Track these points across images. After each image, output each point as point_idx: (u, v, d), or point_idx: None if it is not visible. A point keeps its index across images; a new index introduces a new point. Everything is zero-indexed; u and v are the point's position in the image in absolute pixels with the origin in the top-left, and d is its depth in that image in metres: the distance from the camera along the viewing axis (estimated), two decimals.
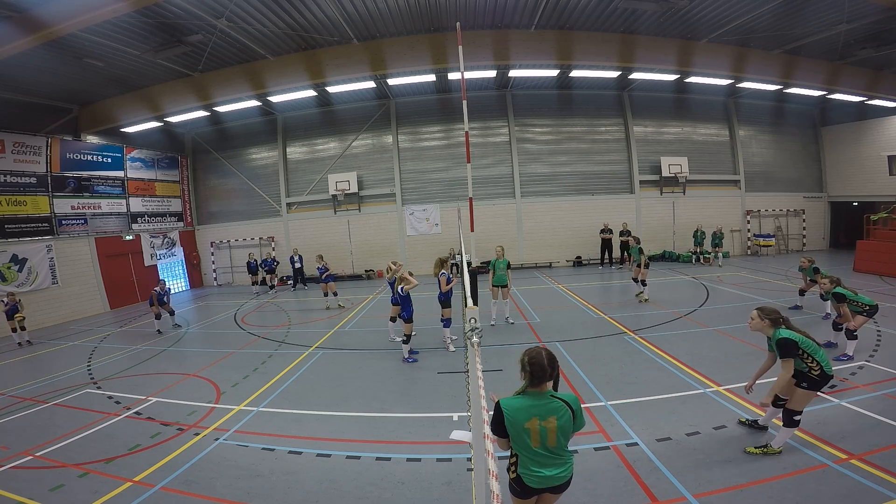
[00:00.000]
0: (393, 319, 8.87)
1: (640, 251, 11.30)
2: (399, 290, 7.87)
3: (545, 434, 2.64)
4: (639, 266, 11.16)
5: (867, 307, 6.60)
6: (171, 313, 11.85)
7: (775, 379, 4.20)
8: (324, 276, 12.69)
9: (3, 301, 11.37)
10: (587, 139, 18.64)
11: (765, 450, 4.27)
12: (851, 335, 6.61)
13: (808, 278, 9.46)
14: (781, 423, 4.31)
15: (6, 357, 9.99)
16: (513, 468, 2.77)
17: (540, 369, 2.66)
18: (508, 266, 9.55)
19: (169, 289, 12.43)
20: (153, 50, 11.03)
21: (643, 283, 11.13)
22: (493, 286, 9.69)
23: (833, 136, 19.79)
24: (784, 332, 4.16)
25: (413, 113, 18.34)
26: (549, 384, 2.74)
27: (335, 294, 12.93)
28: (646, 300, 11.01)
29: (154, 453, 5.02)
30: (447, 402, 5.94)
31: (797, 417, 4.24)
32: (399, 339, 8.41)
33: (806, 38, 12.88)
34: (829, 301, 8.89)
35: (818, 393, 4.32)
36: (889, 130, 17.68)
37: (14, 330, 11.02)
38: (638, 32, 12.79)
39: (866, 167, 18.45)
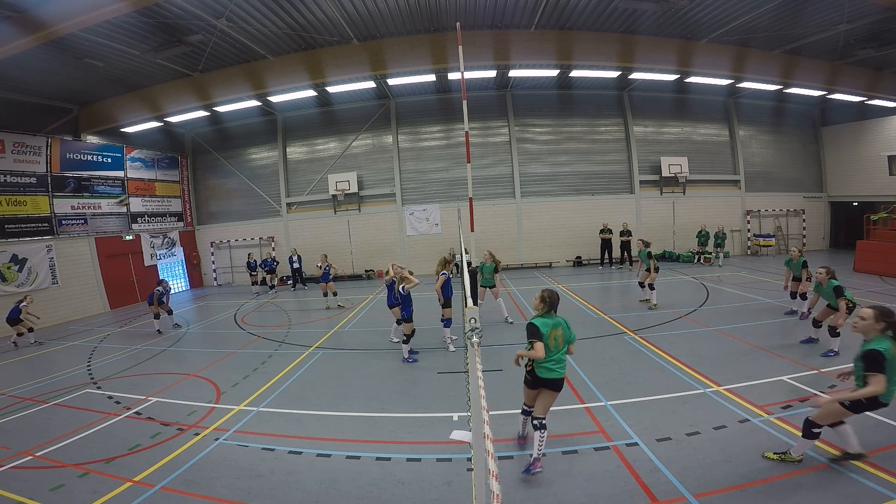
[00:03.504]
0: (399, 322, 8.74)
1: (649, 255, 10.68)
2: (400, 290, 7.86)
3: (556, 339, 4.26)
4: (648, 270, 10.55)
5: (851, 304, 6.66)
6: (169, 312, 11.78)
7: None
8: (330, 276, 12.78)
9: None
10: (587, 139, 18.64)
11: (783, 457, 4.06)
12: (835, 332, 6.69)
13: (794, 274, 8.98)
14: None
15: (6, 357, 9.99)
16: (529, 365, 4.32)
17: (555, 298, 4.51)
18: (495, 270, 9.95)
19: (170, 289, 12.31)
20: (153, 50, 11.02)
21: (651, 287, 10.56)
22: (480, 286, 9.86)
23: (833, 136, 19.79)
24: (884, 344, 3.62)
25: (413, 113, 18.33)
26: (554, 311, 4.44)
27: (335, 294, 12.93)
28: (654, 305, 10.42)
29: (154, 453, 5.02)
30: (447, 402, 5.94)
31: (817, 430, 3.95)
32: (398, 340, 8.40)
33: (806, 38, 12.87)
34: (807, 301, 8.72)
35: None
36: (889, 130, 17.67)
37: (20, 334, 10.91)
38: (638, 32, 12.78)
39: (866, 167, 18.44)
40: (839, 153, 19.58)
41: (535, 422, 4.13)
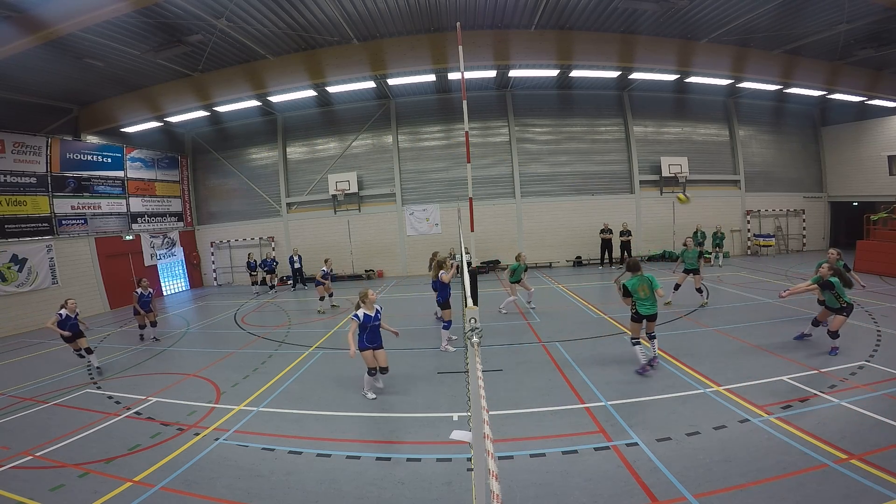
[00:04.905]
0: (372, 372, 6.31)
1: (700, 255, 9.98)
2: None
3: (644, 290, 6.50)
4: (696, 272, 10.15)
5: (846, 305, 6.73)
6: (153, 324, 10.46)
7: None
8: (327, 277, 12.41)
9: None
10: (587, 139, 18.64)
11: None
12: (835, 335, 6.75)
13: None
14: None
15: (6, 357, 9.99)
16: (633, 308, 6.63)
17: (631, 265, 6.79)
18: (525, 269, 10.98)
19: (151, 292, 10.52)
20: (153, 50, 11.02)
21: (677, 287, 10.29)
22: (511, 282, 10.66)
23: (833, 136, 19.79)
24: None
25: (413, 113, 18.33)
26: (641, 271, 6.60)
27: (330, 295, 12.69)
28: (668, 303, 10.29)
29: (154, 453, 5.02)
30: (447, 402, 5.94)
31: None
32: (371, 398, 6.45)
33: (806, 38, 12.87)
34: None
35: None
36: (889, 130, 17.67)
37: (83, 351, 8.33)
38: (638, 32, 12.78)
39: (866, 167, 18.44)
40: (839, 153, 19.58)
41: (653, 334, 6.75)
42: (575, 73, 14.80)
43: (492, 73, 14.79)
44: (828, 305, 7.02)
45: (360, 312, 6.15)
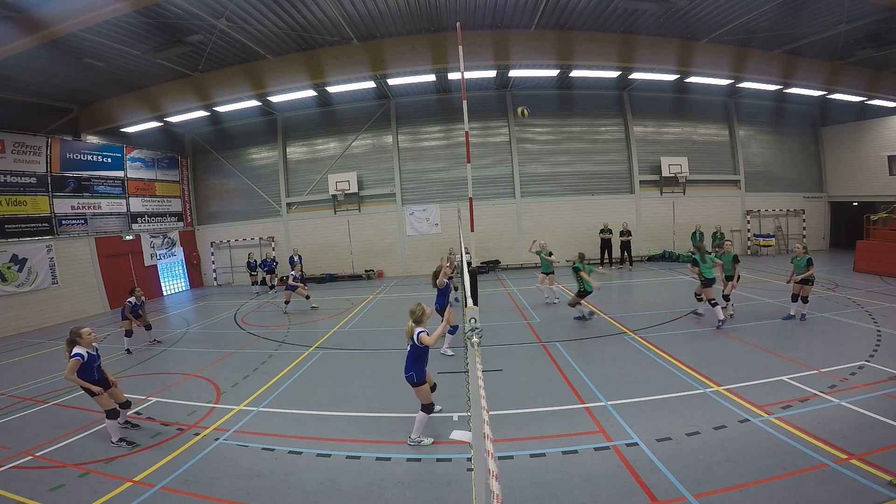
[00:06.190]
0: (430, 407, 5.01)
1: (736, 259, 9.32)
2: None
3: (590, 271, 9.25)
4: (730, 278, 9.31)
5: (703, 279, 8.68)
6: (148, 327, 10.19)
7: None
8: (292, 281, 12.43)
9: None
10: (587, 139, 18.63)
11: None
12: (711, 303, 8.64)
13: (796, 273, 8.49)
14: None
15: (6, 357, 9.99)
16: (582, 287, 9.31)
17: (583, 256, 9.70)
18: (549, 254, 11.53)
19: (143, 300, 10.09)
20: (153, 50, 11.02)
21: (726, 297, 9.31)
22: (542, 272, 11.67)
23: (833, 136, 19.78)
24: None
25: (413, 113, 18.33)
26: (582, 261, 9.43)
27: (307, 297, 12.73)
28: (731, 316, 9.18)
29: (154, 453, 5.02)
30: (447, 402, 5.94)
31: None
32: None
33: (806, 38, 12.87)
34: (806, 304, 8.77)
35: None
36: (889, 130, 17.66)
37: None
38: (638, 32, 12.78)
39: (866, 167, 18.44)
40: (839, 153, 19.57)
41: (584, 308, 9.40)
42: (575, 73, 14.78)
43: (492, 73, 14.78)
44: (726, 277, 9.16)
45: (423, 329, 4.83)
